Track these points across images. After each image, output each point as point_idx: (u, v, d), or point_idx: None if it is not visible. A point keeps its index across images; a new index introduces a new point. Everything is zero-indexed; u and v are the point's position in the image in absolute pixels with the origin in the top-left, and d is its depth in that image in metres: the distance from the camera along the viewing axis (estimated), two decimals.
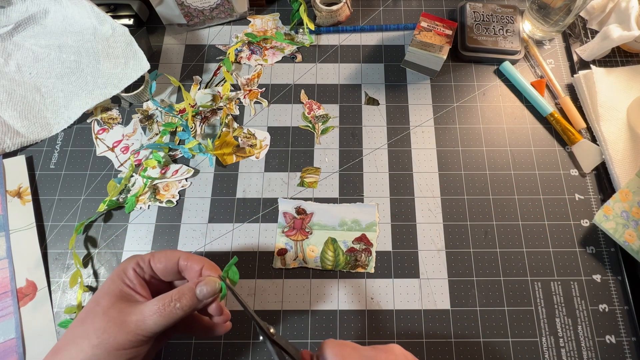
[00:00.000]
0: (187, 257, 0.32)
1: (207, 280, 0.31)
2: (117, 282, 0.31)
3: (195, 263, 0.32)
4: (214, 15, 0.54)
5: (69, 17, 0.52)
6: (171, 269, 0.32)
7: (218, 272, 0.32)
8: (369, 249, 0.44)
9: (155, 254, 0.33)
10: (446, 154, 0.48)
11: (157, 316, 0.29)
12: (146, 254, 0.33)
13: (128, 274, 0.31)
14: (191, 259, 0.32)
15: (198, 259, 0.33)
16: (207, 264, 0.32)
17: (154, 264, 0.32)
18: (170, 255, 0.32)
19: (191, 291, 0.30)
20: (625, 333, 0.40)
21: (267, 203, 0.46)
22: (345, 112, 0.50)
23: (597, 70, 0.49)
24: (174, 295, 0.30)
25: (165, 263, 0.32)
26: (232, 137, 0.49)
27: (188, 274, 0.33)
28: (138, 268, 0.32)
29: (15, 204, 0.45)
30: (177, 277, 0.33)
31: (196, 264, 0.32)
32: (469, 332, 0.40)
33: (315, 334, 0.40)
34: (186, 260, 0.32)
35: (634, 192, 0.43)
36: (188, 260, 0.32)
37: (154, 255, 0.32)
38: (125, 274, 0.31)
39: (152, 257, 0.32)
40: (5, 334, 0.40)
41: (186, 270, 0.32)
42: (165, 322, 0.29)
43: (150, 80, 0.50)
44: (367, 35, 0.55)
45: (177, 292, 0.30)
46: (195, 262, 0.32)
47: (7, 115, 0.49)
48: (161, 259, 0.32)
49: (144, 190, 0.46)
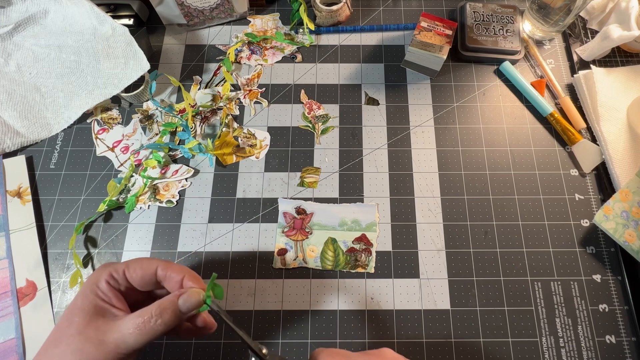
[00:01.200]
0: (166, 266, 0.30)
1: (190, 292, 0.29)
2: (90, 297, 0.29)
3: (175, 273, 0.30)
4: (214, 15, 0.54)
5: (69, 17, 0.52)
6: (149, 279, 0.30)
7: (201, 283, 0.30)
8: (369, 249, 0.44)
9: (130, 263, 0.30)
10: (446, 154, 0.48)
11: (138, 334, 0.27)
12: (120, 264, 0.31)
13: (101, 287, 0.29)
14: (170, 268, 0.30)
15: (178, 268, 0.31)
16: (188, 274, 0.30)
17: (129, 275, 0.30)
18: (146, 265, 0.30)
19: (173, 305, 0.28)
20: (625, 333, 0.40)
21: (267, 203, 0.46)
22: (345, 112, 0.50)
23: (597, 70, 0.49)
24: (154, 310, 0.28)
25: (141, 273, 0.30)
26: (232, 137, 0.49)
27: (168, 284, 0.31)
28: (112, 280, 0.30)
29: (15, 204, 0.45)
30: (156, 287, 0.32)
31: (176, 274, 0.30)
32: (469, 332, 0.40)
33: (315, 334, 0.40)
34: (165, 270, 0.30)
35: (634, 192, 0.43)
36: (167, 270, 0.30)
37: (129, 265, 0.30)
38: (97, 286, 0.29)
39: (127, 267, 0.30)
40: (5, 334, 0.40)
41: (166, 280, 0.30)
42: (147, 339, 0.27)
43: (150, 80, 0.50)
44: (367, 35, 0.55)
45: (158, 307, 0.28)
46: (175, 272, 0.30)
47: (7, 115, 0.49)
48: (136, 269, 0.30)
49: (144, 190, 0.46)
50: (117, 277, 0.30)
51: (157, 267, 0.30)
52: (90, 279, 0.30)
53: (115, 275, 0.30)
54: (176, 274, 0.30)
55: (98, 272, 0.30)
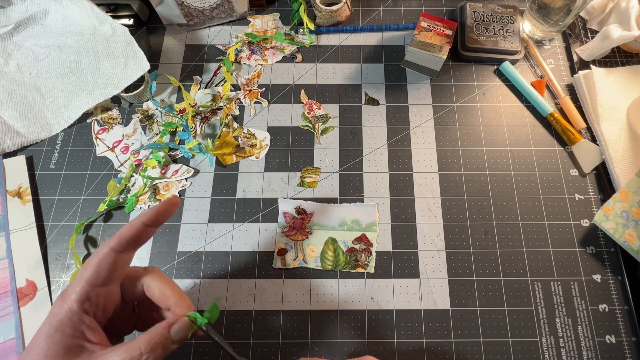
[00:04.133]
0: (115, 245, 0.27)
1: (183, 323, 0.26)
2: (59, 338, 0.25)
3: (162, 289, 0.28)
4: (214, 15, 0.54)
5: (69, 17, 0.52)
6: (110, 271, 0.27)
7: (189, 305, 0.28)
8: (369, 249, 0.44)
9: (84, 273, 0.27)
10: (446, 154, 0.48)
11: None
12: (76, 282, 0.27)
13: (73, 323, 0.25)
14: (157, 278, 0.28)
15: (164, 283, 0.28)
16: (178, 299, 0.28)
17: (98, 281, 0.27)
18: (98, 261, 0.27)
19: (164, 339, 0.25)
20: (625, 333, 0.40)
21: (267, 203, 0.46)
22: (345, 112, 0.50)
23: (597, 70, 0.49)
24: (143, 346, 0.24)
25: (104, 272, 0.27)
26: (232, 137, 0.49)
27: (154, 296, 0.28)
28: (87, 305, 0.26)
29: (15, 204, 0.45)
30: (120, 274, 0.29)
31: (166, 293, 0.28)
32: (469, 332, 0.40)
33: (315, 334, 0.40)
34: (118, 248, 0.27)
35: (634, 192, 0.43)
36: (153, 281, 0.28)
37: (84, 275, 0.27)
38: (68, 324, 0.25)
39: (86, 279, 0.26)
40: (5, 334, 0.40)
41: (150, 291, 0.28)
42: None
43: (150, 80, 0.50)
44: (367, 35, 0.55)
45: (148, 343, 0.25)
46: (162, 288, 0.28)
47: (7, 115, 0.49)
48: (97, 271, 0.27)
49: (144, 190, 0.46)
50: (86, 296, 0.26)
51: (111, 248, 0.28)
52: (54, 316, 0.25)
53: (82, 297, 0.26)
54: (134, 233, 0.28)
55: (59, 305, 0.26)
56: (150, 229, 0.30)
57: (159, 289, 0.29)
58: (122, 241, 0.28)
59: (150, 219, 0.29)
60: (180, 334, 0.26)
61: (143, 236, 0.29)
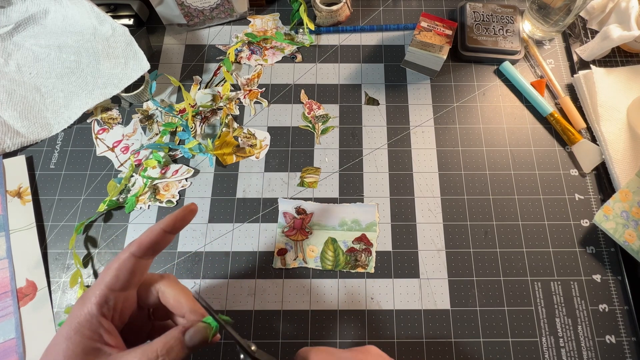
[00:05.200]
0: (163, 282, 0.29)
1: (198, 328, 0.27)
2: (76, 339, 0.25)
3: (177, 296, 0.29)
4: (214, 15, 0.54)
5: (69, 17, 0.52)
6: (129, 276, 0.28)
7: (202, 313, 0.29)
8: (369, 249, 0.44)
9: (105, 277, 0.27)
10: (446, 154, 0.48)
11: None
12: (96, 285, 0.27)
13: (89, 324, 0.26)
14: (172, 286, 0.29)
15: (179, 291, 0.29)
16: (192, 306, 0.28)
17: (117, 285, 0.27)
18: (118, 266, 0.28)
19: (179, 342, 0.26)
20: (625, 333, 0.40)
21: (267, 203, 0.46)
22: (345, 112, 0.50)
23: (597, 70, 0.49)
24: (159, 349, 0.25)
25: (123, 276, 0.28)
26: (232, 137, 0.49)
27: (168, 303, 0.29)
28: (104, 307, 0.26)
29: (15, 204, 0.45)
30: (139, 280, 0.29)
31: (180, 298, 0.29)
32: (469, 332, 0.40)
33: (315, 333, 0.40)
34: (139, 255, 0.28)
35: (634, 192, 0.43)
36: (168, 288, 0.29)
37: (105, 279, 0.27)
38: (84, 324, 0.26)
39: (106, 283, 0.27)
40: (5, 334, 0.40)
41: (164, 298, 0.29)
42: None
43: (150, 80, 0.50)
44: (367, 35, 0.55)
45: (164, 346, 0.25)
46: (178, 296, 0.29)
47: (7, 115, 0.49)
48: (117, 276, 0.27)
49: (144, 190, 0.46)
50: (105, 300, 0.27)
51: (131, 254, 0.28)
52: (74, 318, 0.26)
53: (101, 300, 0.27)
54: (153, 239, 0.29)
55: (79, 307, 0.27)
56: (169, 236, 0.30)
57: (173, 296, 0.29)
58: (142, 247, 0.29)
59: (168, 225, 0.30)
60: (194, 338, 0.27)
61: (162, 242, 0.30)
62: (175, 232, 0.31)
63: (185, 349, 0.26)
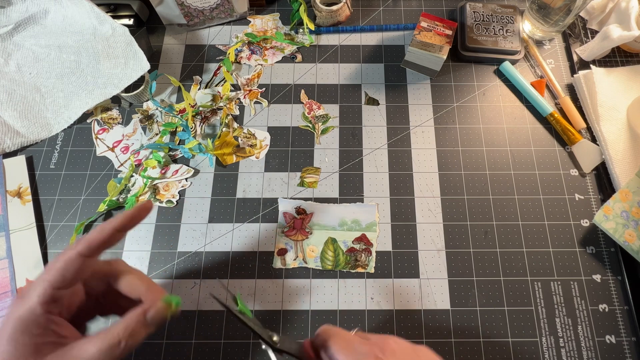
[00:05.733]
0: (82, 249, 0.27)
1: (159, 308, 0.27)
2: (26, 341, 0.25)
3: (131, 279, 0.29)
4: (214, 15, 0.54)
5: (69, 17, 0.52)
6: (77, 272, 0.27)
7: (160, 290, 0.29)
8: (369, 249, 0.44)
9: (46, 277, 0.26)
10: (446, 154, 0.48)
11: (104, 358, 0.25)
12: (37, 284, 0.26)
13: (39, 323, 0.25)
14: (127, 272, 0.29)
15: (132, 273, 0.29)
16: (147, 286, 0.28)
17: (62, 283, 0.26)
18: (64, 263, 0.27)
19: (141, 325, 0.26)
20: (625, 333, 0.40)
21: (267, 203, 0.46)
22: (345, 112, 0.50)
23: (597, 70, 0.49)
24: (121, 333, 0.25)
25: (70, 274, 0.27)
26: (232, 137, 0.49)
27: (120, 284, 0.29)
28: (53, 306, 0.26)
29: (15, 204, 0.45)
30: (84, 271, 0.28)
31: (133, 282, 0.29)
32: (469, 332, 0.40)
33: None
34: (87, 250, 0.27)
35: (633, 192, 0.43)
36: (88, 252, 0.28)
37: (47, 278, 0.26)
38: (34, 325, 0.25)
39: (48, 281, 0.26)
40: None
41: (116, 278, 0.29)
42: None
43: (150, 80, 0.50)
44: (367, 35, 0.55)
45: (125, 329, 0.26)
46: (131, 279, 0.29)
47: (7, 115, 0.49)
48: (62, 274, 0.26)
49: (144, 190, 0.46)
50: (50, 298, 0.26)
51: (78, 253, 0.27)
52: (16, 319, 0.25)
53: (46, 299, 0.26)
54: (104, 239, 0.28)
55: (19, 307, 0.26)
56: (120, 234, 0.29)
57: (126, 282, 0.29)
58: (91, 247, 0.28)
59: (121, 224, 0.29)
60: (156, 318, 0.27)
61: (112, 241, 0.29)
62: (127, 231, 0.30)
63: (147, 328, 0.27)
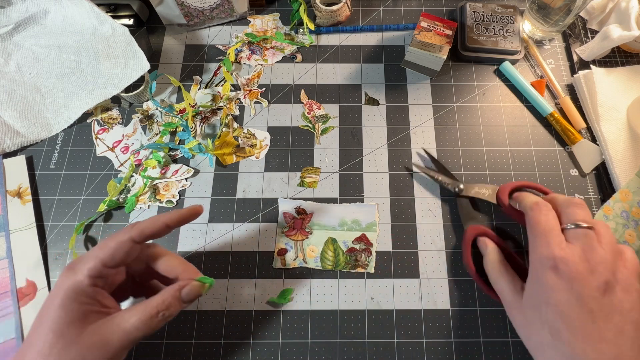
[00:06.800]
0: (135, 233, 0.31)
1: (193, 286, 0.31)
2: (75, 307, 0.28)
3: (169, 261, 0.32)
4: (214, 15, 0.54)
5: (69, 17, 0.52)
6: (127, 254, 0.31)
7: (195, 270, 0.33)
8: (369, 249, 0.44)
9: (98, 252, 0.30)
10: (446, 153, 0.48)
11: (144, 328, 0.28)
12: (88, 258, 0.30)
13: (85, 292, 0.28)
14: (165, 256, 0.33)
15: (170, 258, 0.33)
16: (184, 267, 0.32)
17: (111, 262, 0.30)
18: (115, 244, 0.30)
19: (177, 300, 0.30)
20: None
21: (267, 203, 0.46)
22: (345, 112, 0.50)
23: (597, 70, 0.49)
24: (159, 305, 0.29)
25: (119, 255, 0.30)
26: (232, 137, 0.49)
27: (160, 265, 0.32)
28: (97, 280, 0.29)
29: (15, 204, 0.45)
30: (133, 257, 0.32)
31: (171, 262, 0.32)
32: (469, 332, 0.40)
33: (315, 334, 0.40)
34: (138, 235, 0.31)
35: (633, 192, 0.43)
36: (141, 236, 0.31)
37: (98, 254, 0.29)
38: (83, 294, 0.28)
39: (99, 258, 0.29)
40: (5, 334, 0.40)
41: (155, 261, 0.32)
42: (152, 332, 0.29)
43: (150, 80, 0.50)
44: (367, 35, 0.55)
45: (163, 301, 0.29)
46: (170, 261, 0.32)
47: (7, 115, 0.49)
48: (112, 253, 0.30)
49: (144, 190, 0.46)
50: (99, 273, 0.29)
51: (131, 238, 0.31)
52: (66, 287, 0.28)
53: (95, 274, 0.29)
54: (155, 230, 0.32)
55: (70, 277, 0.29)
56: (168, 229, 0.33)
57: (165, 262, 0.33)
58: (142, 235, 0.31)
59: (173, 221, 0.33)
60: (190, 294, 0.30)
61: (161, 233, 0.33)
62: (174, 227, 0.34)
63: (182, 304, 0.30)
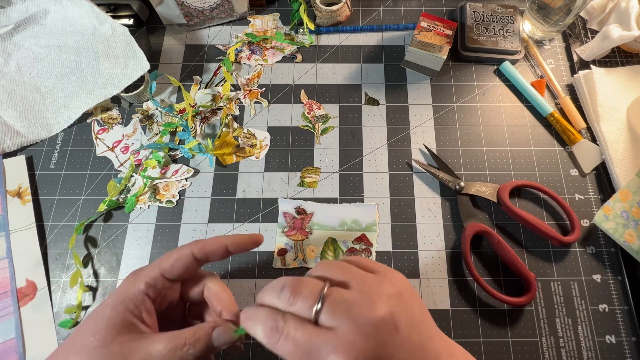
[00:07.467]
0: (201, 247, 0.30)
1: (226, 328, 0.28)
2: (120, 309, 0.27)
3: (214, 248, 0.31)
4: (214, 15, 0.54)
5: (69, 17, 0.52)
6: (188, 268, 0.30)
7: (236, 312, 0.30)
8: (369, 249, 0.44)
9: (162, 262, 0.29)
10: (446, 153, 0.48)
11: (167, 356, 0.26)
12: (151, 267, 0.29)
13: (135, 300, 0.28)
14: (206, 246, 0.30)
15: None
16: (229, 303, 0.30)
17: (170, 274, 0.29)
18: (179, 256, 0.30)
19: (207, 336, 0.27)
20: (625, 333, 0.40)
21: (267, 203, 0.46)
22: (345, 112, 0.50)
23: (597, 70, 0.49)
24: (188, 337, 0.27)
25: (179, 266, 0.29)
26: (232, 137, 0.49)
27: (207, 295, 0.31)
28: (150, 289, 0.28)
29: (15, 204, 0.45)
30: (193, 273, 0.31)
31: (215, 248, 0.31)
32: (469, 332, 0.40)
33: None
34: (202, 251, 0.30)
35: (634, 192, 0.43)
36: (204, 250, 0.30)
37: (162, 264, 0.29)
38: (130, 299, 0.28)
39: (161, 267, 0.29)
40: (5, 334, 0.40)
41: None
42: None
43: (150, 80, 0.50)
44: (367, 35, 0.55)
45: (193, 335, 0.27)
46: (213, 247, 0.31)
47: (7, 115, 0.49)
48: (174, 265, 0.29)
49: (144, 190, 0.46)
50: (155, 282, 0.29)
51: (192, 252, 0.30)
52: (122, 290, 0.28)
53: (151, 282, 0.28)
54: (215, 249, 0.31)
55: (130, 282, 0.29)
56: (228, 253, 0.32)
57: (216, 291, 0.31)
58: (203, 252, 0.30)
59: (233, 244, 0.32)
60: (221, 337, 0.28)
61: (220, 255, 0.32)
62: (234, 253, 0.32)
63: (210, 344, 0.27)
